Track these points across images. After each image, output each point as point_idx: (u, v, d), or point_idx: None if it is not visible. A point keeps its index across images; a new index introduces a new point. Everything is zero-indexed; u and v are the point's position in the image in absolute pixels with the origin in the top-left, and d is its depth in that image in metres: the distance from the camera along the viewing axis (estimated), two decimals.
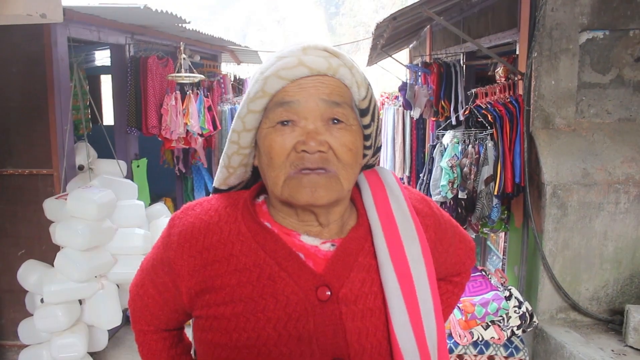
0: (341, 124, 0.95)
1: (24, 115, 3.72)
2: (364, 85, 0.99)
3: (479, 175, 3.59)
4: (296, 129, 0.94)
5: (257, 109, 0.97)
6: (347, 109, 0.96)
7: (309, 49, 0.96)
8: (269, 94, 0.95)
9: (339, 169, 0.94)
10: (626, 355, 3.08)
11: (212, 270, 0.98)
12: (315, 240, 1.00)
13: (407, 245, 1.02)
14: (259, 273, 0.96)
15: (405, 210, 1.05)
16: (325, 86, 0.95)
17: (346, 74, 0.97)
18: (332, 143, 0.93)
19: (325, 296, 0.94)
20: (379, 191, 1.07)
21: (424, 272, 1.01)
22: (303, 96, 0.93)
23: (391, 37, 6.53)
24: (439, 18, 3.92)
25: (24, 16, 2.32)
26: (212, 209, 1.04)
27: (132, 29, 4.61)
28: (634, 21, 3.52)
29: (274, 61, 0.96)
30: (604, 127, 3.61)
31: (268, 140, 0.95)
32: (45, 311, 3.30)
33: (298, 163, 0.93)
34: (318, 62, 0.94)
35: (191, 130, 4.76)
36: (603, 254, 3.50)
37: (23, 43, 3.65)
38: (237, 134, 1.01)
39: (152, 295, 1.10)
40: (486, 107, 3.72)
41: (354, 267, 0.98)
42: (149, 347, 1.19)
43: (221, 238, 0.99)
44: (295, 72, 0.94)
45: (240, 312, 0.94)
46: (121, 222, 3.57)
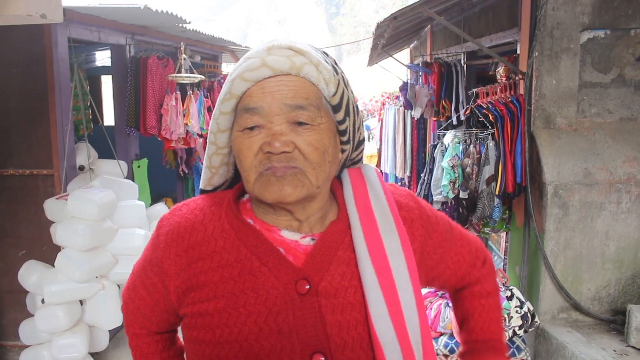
0: (306, 125, 0.95)
1: (24, 116, 3.72)
2: (333, 82, 0.98)
3: (480, 175, 3.59)
4: (262, 131, 0.95)
5: (227, 110, 0.99)
6: (312, 110, 0.95)
7: (274, 48, 0.96)
8: (236, 95, 0.97)
9: (306, 166, 0.95)
10: (628, 356, 3.07)
11: (197, 267, 0.99)
12: (295, 235, 1.01)
13: (386, 239, 1.02)
14: (241, 268, 0.97)
15: (384, 205, 1.06)
16: (288, 89, 0.94)
17: (311, 71, 0.96)
18: (297, 143, 0.94)
19: (304, 289, 0.95)
20: (359, 186, 1.08)
21: (403, 265, 1.01)
22: (266, 101, 0.94)
23: (392, 37, 6.52)
24: (439, 18, 3.91)
25: (24, 16, 2.32)
26: (198, 208, 1.06)
27: (132, 29, 4.60)
28: (635, 20, 3.52)
29: (240, 62, 0.98)
30: (606, 127, 3.60)
31: (237, 143, 0.98)
32: (46, 312, 3.30)
33: (266, 162, 0.95)
34: (280, 62, 0.94)
35: (191, 130, 4.76)
36: (605, 254, 3.50)
37: (23, 43, 3.65)
38: (214, 135, 1.03)
39: (143, 297, 1.11)
40: (487, 107, 3.72)
41: (333, 261, 0.99)
42: (141, 351, 1.19)
43: (205, 236, 1.01)
44: (258, 74, 0.94)
45: (223, 307, 0.96)
46: (122, 222, 3.57)
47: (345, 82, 1.02)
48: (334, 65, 1.01)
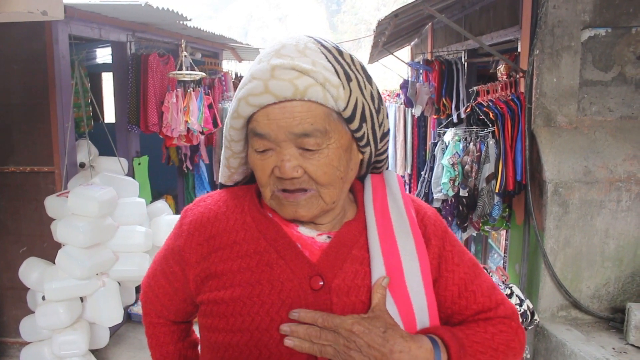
0: (314, 151, 0.95)
1: (25, 113, 3.72)
2: (342, 97, 0.95)
3: (480, 173, 3.59)
4: (273, 155, 0.96)
5: (237, 127, 1.01)
6: (318, 136, 0.94)
7: (277, 69, 0.92)
8: (243, 116, 0.98)
9: (318, 188, 0.97)
10: (627, 353, 3.07)
11: (217, 256, 1.02)
12: (312, 232, 1.03)
13: (400, 240, 1.02)
14: (259, 260, 0.99)
15: (401, 207, 1.06)
16: (292, 117, 0.93)
17: (317, 93, 0.93)
18: (306, 168, 0.95)
19: (318, 285, 0.97)
20: (379, 190, 1.09)
21: (416, 267, 1.01)
22: (272, 129, 0.94)
23: (393, 35, 6.52)
24: (440, 15, 3.91)
25: (25, 13, 2.32)
26: (221, 200, 1.09)
27: (133, 26, 4.60)
28: (636, 18, 3.51)
29: (246, 80, 0.97)
30: (606, 125, 3.60)
31: (252, 161, 1.00)
32: (46, 308, 3.30)
33: (278, 185, 0.97)
34: (283, 89, 0.92)
35: (192, 127, 4.76)
36: (604, 252, 3.50)
37: (24, 40, 3.65)
38: (229, 142, 1.06)
39: (163, 285, 1.14)
40: (488, 105, 3.72)
41: (347, 259, 1.00)
42: (157, 340, 1.22)
43: (227, 226, 1.04)
44: (261, 100, 0.94)
45: (238, 296, 0.97)
46: (122, 219, 3.57)
47: (360, 86, 0.99)
48: (347, 71, 0.97)
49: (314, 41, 0.99)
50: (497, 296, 1.10)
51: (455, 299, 1.06)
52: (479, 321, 1.07)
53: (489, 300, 1.08)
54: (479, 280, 1.09)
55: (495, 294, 1.10)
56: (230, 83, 6.51)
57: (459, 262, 1.08)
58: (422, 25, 6.82)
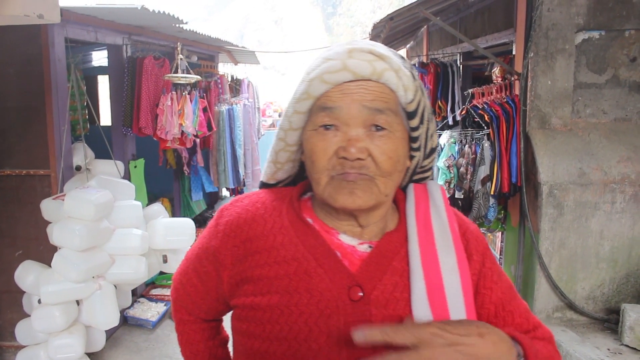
0: (383, 131, 0.94)
1: (21, 116, 3.72)
2: (412, 89, 0.97)
3: (475, 175, 3.60)
4: (338, 134, 0.94)
5: (302, 110, 0.98)
6: (391, 115, 0.95)
7: (355, 51, 0.94)
8: (313, 96, 0.96)
9: (377, 174, 0.94)
10: (622, 354, 3.09)
11: (253, 260, 1.00)
12: (353, 240, 1.01)
13: (442, 254, 1.00)
14: (297, 267, 0.97)
15: (444, 220, 1.04)
16: (368, 92, 0.93)
17: (391, 77, 0.94)
18: (372, 150, 0.93)
19: (357, 296, 0.95)
20: (422, 201, 1.07)
21: (457, 282, 0.98)
22: (345, 102, 0.93)
23: (388, 38, 6.53)
24: (435, 18, 3.93)
25: (22, 17, 2.32)
26: (260, 201, 1.07)
27: (129, 29, 4.60)
28: (629, 21, 3.54)
29: (319, 62, 0.96)
30: (600, 127, 3.62)
31: (310, 143, 0.97)
32: (42, 312, 3.29)
33: (339, 168, 0.94)
34: (362, 67, 0.93)
35: (186, 130, 4.76)
36: (599, 254, 3.52)
37: (20, 44, 3.65)
38: (284, 132, 1.03)
39: (195, 284, 1.12)
40: (483, 107, 3.74)
41: (387, 270, 0.98)
42: (187, 337, 1.22)
43: (264, 230, 1.02)
44: (338, 77, 0.93)
45: (275, 304, 0.96)
46: (118, 222, 3.57)
47: (422, 89, 1.00)
48: (412, 72, 0.99)
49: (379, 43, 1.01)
50: (534, 319, 1.08)
51: (492, 318, 1.04)
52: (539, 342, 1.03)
53: (527, 322, 1.06)
54: (516, 302, 1.08)
55: (531, 317, 1.08)
56: (226, 86, 6.51)
57: (497, 280, 1.06)
58: (417, 28, 6.84)
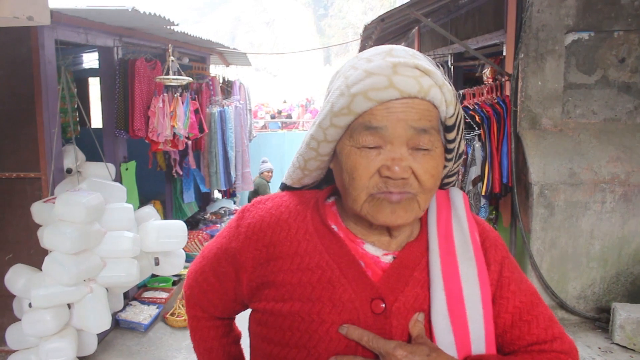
0: (426, 151, 0.93)
1: (11, 118, 3.70)
2: (453, 103, 0.95)
3: (466, 175, 3.62)
4: (381, 153, 0.92)
5: (340, 124, 0.94)
6: (434, 134, 0.93)
7: (400, 66, 0.90)
8: (355, 113, 0.92)
9: (419, 192, 0.93)
10: (612, 353, 3.11)
11: (276, 265, 0.99)
12: (378, 251, 1.00)
13: (462, 266, 0.99)
14: (320, 275, 0.96)
15: (466, 231, 1.03)
16: (414, 111, 0.91)
17: (437, 94, 0.92)
18: (415, 169, 0.92)
19: (380, 309, 0.94)
20: (443, 210, 1.05)
21: (477, 295, 0.97)
22: (391, 122, 0.90)
23: (380, 39, 6.55)
24: (426, 20, 3.94)
25: (11, 19, 2.31)
26: (284, 205, 1.05)
27: (120, 31, 4.59)
28: (617, 23, 3.57)
29: (362, 76, 0.92)
30: (590, 127, 3.65)
31: (352, 160, 0.94)
32: (33, 316, 3.27)
33: (381, 186, 0.92)
34: (409, 85, 0.90)
35: (178, 132, 4.75)
36: (590, 253, 3.54)
37: (10, 46, 3.62)
38: (317, 143, 0.99)
39: (212, 283, 1.12)
40: (474, 108, 3.75)
41: (409, 282, 0.97)
42: (201, 334, 1.21)
43: (289, 235, 1.00)
44: (384, 95, 0.90)
45: (297, 311, 0.95)
46: (110, 225, 3.55)
47: (457, 97, 0.98)
48: (449, 81, 0.97)
49: (414, 50, 0.99)
50: (555, 329, 1.05)
51: (508, 327, 1.02)
52: (533, 353, 1.02)
53: (545, 332, 1.03)
54: (536, 311, 1.05)
55: (552, 327, 1.05)
56: (217, 87, 6.51)
57: (515, 290, 1.04)
58: (408, 29, 6.86)
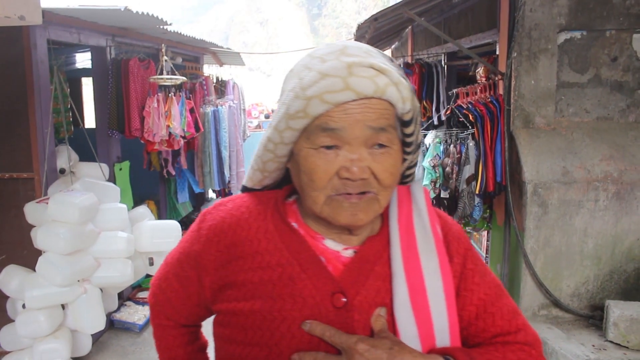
0: (385, 149, 0.93)
1: (3, 119, 3.68)
2: (409, 99, 0.94)
3: (460, 174, 3.63)
4: (340, 154, 0.91)
5: (297, 127, 0.94)
6: (391, 131, 0.93)
7: (355, 66, 0.90)
8: (312, 115, 0.91)
9: (379, 191, 0.94)
10: (606, 350, 3.13)
11: (237, 265, 0.98)
12: (338, 246, 1.00)
13: (424, 258, 0.99)
14: (281, 272, 0.96)
15: (427, 224, 1.03)
16: (372, 111, 0.90)
17: (393, 92, 0.91)
18: (374, 169, 0.92)
19: (341, 303, 0.94)
20: (404, 204, 1.05)
21: (440, 287, 0.98)
22: (348, 123, 0.90)
23: (373, 38, 6.56)
24: (419, 19, 3.95)
25: (2, 18, 2.29)
26: (244, 205, 1.05)
27: (113, 31, 4.57)
28: (609, 22, 3.59)
29: (316, 78, 0.91)
30: (583, 126, 3.67)
31: (310, 162, 0.93)
32: (27, 317, 3.26)
33: (340, 188, 0.92)
34: (365, 86, 0.89)
35: (173, 132, 4.74)
36: (583, 251, 3.56)
37: (2, 46, 3.60)
38: (274, 145, 0.99)
39: (176, 289, 1.10)
40: (467, 107, 3.76)
41: (370, 275, 0.97)
42: (166, 342, 1.19)
43: (249, 235, 1.00)
44: (340, 97, 0.89)
45: (258, 309, 0.95)
46: (104, 225, 3.54)
47: (413, 90, 0.98)
48: (404, 76, 0.97)
49: (368, 45, 0.99)
50: (518, 321, 1.05)
51: (472, 320, 1.03)
52: (497, 344, 1.02)
53: (509, 324, 1.04)
54: (500, 302, 1.05)
55: (516, 318, 1.05)
56: (211, 87, 6.50)
57: (479, 282, 1.04)
58: (402, 28, 6.87)
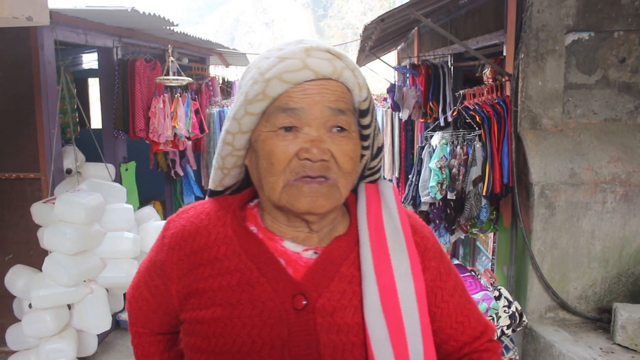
0: (344, 132, 0.93)
1: (11, 119, 3.69)
2: (365, 87, 0.97)
3: (467, 176, 3.61)
4: (299, 136, 0.91)
5: (256, 111, 0.93)
6: (350, 116, 0.94)
7: (312, 50, 0.92)
8: (271, 97, 0.91)
9: (339, 177, 0.92)
10: (614, 353, 3.10)
11: (198, 273, 0.97)
12: (298, 247, 0.98)
13: (395, 259, 0.97)
14: (240, 278, 0.95)
15: (397, 224, 1.01)
16: (330, 92, 0.92)
17: (350, 76, 0.94)
18: (334, 151, 0.91)
19: (301, 305, 0.92)
20: (373, 203, 1.04)
21: (411, 289, 0.96)
22: (308, 103, 0.90)
23: (379, 39, 6.55)
24: (426, 20, 3.94)
25: (10, 19, 2.30)
26: (204, 212, 1.04)
27: (119, 31, 4.59)
28: (618, 22, 3.56)
29: (275, 62, 0.92)
30: (591, 128, 3.64)
31: (269, 145, 0.92)
32: (33, 316, 3.27)
33: (299, 170, 0.91)
34: (323, 66, 0.91)
35: (179, 133, 4.75)
36: (591, 253, 3.53)
37: (9, 46, 3.62)
38: (232, 136, 0.98)
39: (147, 297, 1.10)
40: (474, 108, 3.75)
41: (335, 277, 0.95)
42: (142, 349, 1.19)
43: (208, 241, 0.99)
44: (299, 76, 0.90)
45: (219, 316, 0.94)
46: (110, 225, 3.55)
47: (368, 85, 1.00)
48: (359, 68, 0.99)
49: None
50: (482, 317, 1.12)
51: (447, 329, 1.06)
52: None
53: (478, 323, 1.09)
54: (470, 305, 1.10)
55: (480, 314, 1.12)
56: (217, 88, 6.51)
57: (452, 292, 1.06)
58: (408, 29, 6.86)
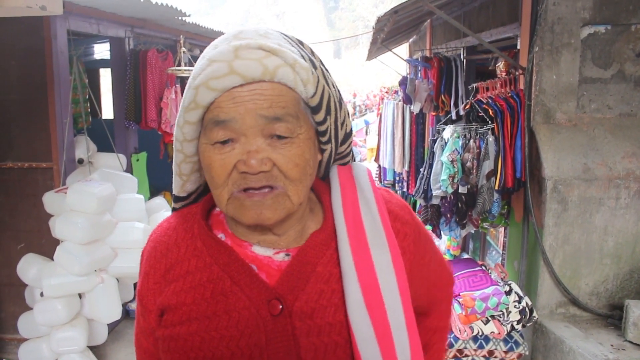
0: (286, 139, 0.85)
1: (23, 109, 3.71)
2: (312, 81, 0.87)
3: (480, 170, 3.59)
4: (236, 146, 0.85)
5: (192, 120, 0.88)
6: (291, 121, 0.85)
7: (241, 49, 0.83)
8: (202, 105, 0.86)
9: (287, 185, 0.87)
10: (625, 350, 3.08)
11: (170, 290, 0.94)
12: (268, 251, 0.94)
13: (375, 253, 0.93)
14: (213, 289, 0.91)
15: (376, 215, 0.96)
16: (263, 98, 0.83)
17: (287, 74, 0.84)
18: (276, 160, 0.85)
19: (277, 310, 0.89)
20: (348, 192, 0.98)
21: (394, 282, 0.93)
22: (239, 113, 0.83)
23: (391, 32, 6.51)
24: (440, 12, 3.90)
25: (24, 8, 2.31)
26: (171, 227, 1.00)
27: (131, 22, 4.59)
28: (635, 16, 3.51)
29: (204, 65, 0.85)
30: (605, 122, 3.60)
31: (206, 158, 0.88)
32: (45, 305, 3.30)
33: (241, 183, 0.86)
34: (251, 68, 0.82)
35: None
36: (603, 249, 3.51)
37: (23, 36, 3.63)
38: (180, 143, 0.93)
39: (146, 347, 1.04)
40: (487, 102, 3.71)
41: (310, 278, 0.91)
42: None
43: (179, 256, 0.96)
44: (226, 83, 0.83)
45: (195, 331, 0.90)
46: (121, 215, 3.57)
47: (325, 76, 0.92)
48: (312, 58, 0.91)
49: (274, 29, 0.93)
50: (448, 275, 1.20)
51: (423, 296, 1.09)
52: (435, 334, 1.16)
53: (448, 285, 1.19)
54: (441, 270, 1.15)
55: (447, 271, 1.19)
56: None
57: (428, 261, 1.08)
58: (420, 22, 6.81)
